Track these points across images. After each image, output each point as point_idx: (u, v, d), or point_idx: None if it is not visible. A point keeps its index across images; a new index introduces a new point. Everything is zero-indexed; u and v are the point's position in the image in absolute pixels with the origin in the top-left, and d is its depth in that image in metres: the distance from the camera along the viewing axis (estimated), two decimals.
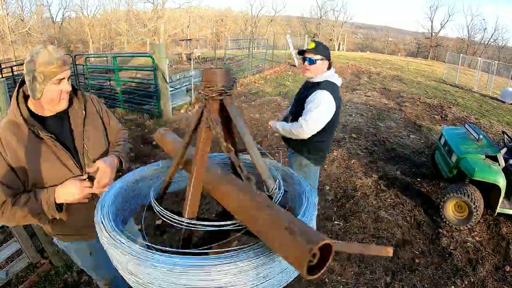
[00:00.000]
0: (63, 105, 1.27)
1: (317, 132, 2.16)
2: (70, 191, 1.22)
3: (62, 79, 1.19)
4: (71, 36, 31.20)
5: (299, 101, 2.27)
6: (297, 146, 2.33)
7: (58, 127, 1.29)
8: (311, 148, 2.27)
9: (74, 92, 1.35)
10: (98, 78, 9.26)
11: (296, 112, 2.29)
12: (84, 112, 1.36)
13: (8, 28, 24.46)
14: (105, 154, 1.42)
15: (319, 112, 2.05)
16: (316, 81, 2.18)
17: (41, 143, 1.22)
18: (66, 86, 1.22)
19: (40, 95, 1.18)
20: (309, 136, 2.11)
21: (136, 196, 1.18)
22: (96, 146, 1.38)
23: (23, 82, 1.23)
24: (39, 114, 1.25)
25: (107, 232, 0.80)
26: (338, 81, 2.24)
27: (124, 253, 0.71)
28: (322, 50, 2.14)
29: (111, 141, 1.51)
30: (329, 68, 2.22)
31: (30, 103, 1.23)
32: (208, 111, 0.87)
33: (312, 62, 2.14)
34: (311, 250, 0.55)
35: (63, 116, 1.31)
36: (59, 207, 1.24)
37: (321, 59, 2.14)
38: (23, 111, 1.20)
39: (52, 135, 1.23)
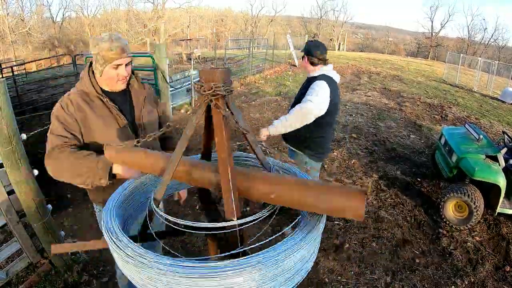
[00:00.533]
0: (120, 87, 1.43)
1: (316, 128, 2.21)
2: (128, 169, 1.29)
3: (120, 65, 1.34)
4: (71, 36, 31.09)
5: (299, 98, 2.31)
6: (297, 143, 2.36)
7: (121, 101, 1.45)
8: (311, 144, 2.30)
9: (134, 75, 1.50)
10: None
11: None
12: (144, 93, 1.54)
13: (8, 28, 24.43)
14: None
15: (320, 93, 2.14)
16: (313, 75, 2.29)
17: (105, 110, 1.39)
18: (123, 72, 1.37)
19: (99, 75, 1.36)
20: (318, 111, 2.13)
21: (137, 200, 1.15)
22: (150, 127, 1.53)
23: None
24: (105, 89, 1.42)
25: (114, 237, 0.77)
26: (336, 77, 2.31)
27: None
28: (305, 48, 2.33)
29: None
30: (325, 64, 2.30)
31: (98, 79, 1.41)
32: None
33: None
34: (366, 192, 0.67)
35: (126, 93, 1.48)
36: (113, 176, 1.30)
37: (302, 56, 2.35)
38: (93, 82, 1.38)
39: (116, 106, 1.40)
